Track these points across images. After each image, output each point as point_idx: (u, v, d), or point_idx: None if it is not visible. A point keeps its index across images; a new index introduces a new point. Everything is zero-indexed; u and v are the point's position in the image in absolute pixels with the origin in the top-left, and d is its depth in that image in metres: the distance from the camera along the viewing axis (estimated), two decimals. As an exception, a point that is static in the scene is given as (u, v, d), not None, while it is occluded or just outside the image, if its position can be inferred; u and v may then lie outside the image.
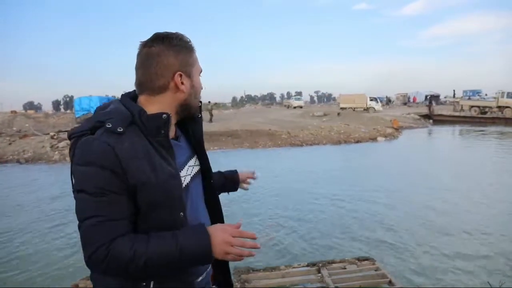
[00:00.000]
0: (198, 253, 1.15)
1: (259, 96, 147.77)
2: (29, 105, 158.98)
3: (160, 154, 1.20)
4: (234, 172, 1.81)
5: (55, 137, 21.48)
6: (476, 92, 64.08)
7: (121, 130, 1.14)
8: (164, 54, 1.23)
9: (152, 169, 1.16)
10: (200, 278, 1.33)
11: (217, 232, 1.18)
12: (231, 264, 1.79)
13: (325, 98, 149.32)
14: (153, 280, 1.18)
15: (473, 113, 35.51)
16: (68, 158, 4.05)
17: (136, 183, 1.13)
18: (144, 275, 1.15)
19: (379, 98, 66.57)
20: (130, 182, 1.13)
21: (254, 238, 1.23)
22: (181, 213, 1.22)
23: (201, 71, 1.36)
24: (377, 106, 40.91)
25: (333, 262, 4.42)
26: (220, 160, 15.39)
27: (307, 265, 4.37)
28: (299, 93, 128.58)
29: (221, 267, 1.48)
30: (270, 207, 8.58)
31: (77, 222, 1.15)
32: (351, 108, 40.46)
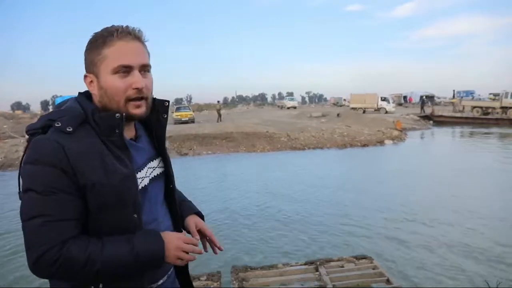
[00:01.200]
0: (151, 258, 1.12)
1: (250, 96, 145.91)
2: (17, 106, 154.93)
3: (114, 154, 1.14)
4: (191, 212, 1.50)
5: (31, 140, 19.22)
6: (470, 93, 63.05)
7: (71, 129, 1.09)
8: (85, 51, 1.19)
9: (104, 170, 1.10)
10: (161, 282, 1.29)
11: (171, 239, 1.17)
12: (230, 264, 3.89)
13: (317, 99, 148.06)
14: (102, 283, 1.12)
15: (476, 114, 33.98)
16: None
17: (86, 184, 1.08)
18: (95, 279, 1.10)
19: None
20: (80, 182, 1.07)
21: (197, 243, 1.27)
22: (135, 215, 1.16)
23: (117, 68, 1.13)
24: (389, 106, 37.88)
25: (331, 260, 4.33)
26: (213, 166, 13.88)
27: (305, 264, 4.29)
28: (290, 94, 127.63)
29: (181, 269, 1.41)
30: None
31: (22, 223, 1.06)
32: (362, 108, 38.35)
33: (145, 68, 1.19)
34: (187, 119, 29.31)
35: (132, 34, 1.17)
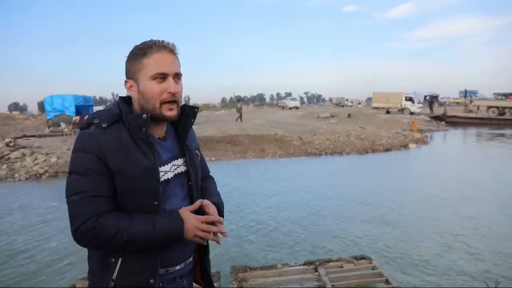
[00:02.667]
0: (171, 234, 1.29)
1: (248, 97, 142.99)
2: (14, 106, 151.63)
3: (140, 149, 1.32)
4: (209, 197, 1.55)
5: (11, 144, 16.71)
6: (473, 93, 60.93)
7: (105, 125, 1.30)
8: (126, 63, 1.38)
9: (127, 160, 1.28)
10: (178, 267, 1.43)
11: (189, 219, 1.32)
12: (229, 263, 4.19)
13: (315, 99, 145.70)
14: (121, 257, 1.30)
15: (491, 114, 31.75)
16: (17, 174, 10.68)
17: (114, 169, 1.27)
18: (121, 250, 1.28)
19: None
20: (109, 167, 1.27)
21: (221, 223, 1.40)
22: (155, 202, 1.32)
23: (153, 75, 1.33)
24: (413, 107, 34.21)
25: (330, 260, 4.28)
26: (219, 176, 10.68)
27: (304, 264, 4.24)
28: (289, 94, 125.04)
29: (204, 269, 1.56)
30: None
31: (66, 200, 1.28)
32: (385, 108, 35.40)
33: (177, 76, 1.38)
34: (186, 120, 26.82)
35: (167, 48, 1.36)
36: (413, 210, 7.78)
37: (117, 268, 1.30)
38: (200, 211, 1.42)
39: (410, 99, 34.54)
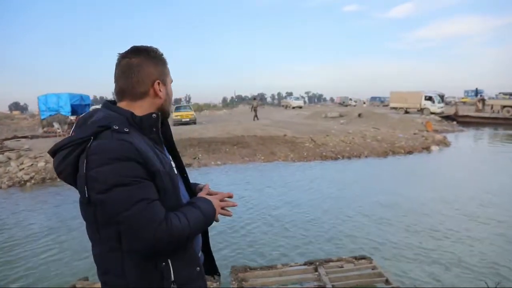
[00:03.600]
0: (211, 215, 1.38)
1: (249, 96, 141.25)
2: (15, 106, 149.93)
3: (157, 148, 1.33)
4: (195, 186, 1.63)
5: (-5, 146, 15.19)
6: (479, 93, 59.42)
7: (127, 130, 1.23)
8: (145, 64, 1.34)
9: (159, 160, 1.28)
10: (200, 253, 1.51)
11: (213, 199, 1.42)
12: (229, 262, 4.47)
13: (316, 99, 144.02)
14: (170, 258, 1.29)
15: (506, 114, 30.24)
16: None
17: (154, 171, 1.23)
18: (184, 245, 1.31)
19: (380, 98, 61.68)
20: (150, 170, 1.22)
21: (231, 196, 1.52)
22: (180, 195, 1.36)
23: (171, 81, 1.47)
24: (434, 107, 31.90)
25: (330, 260, 4.23)
26: (228, 183, 9.49)
27: (304, 264, 4.20)
28: (290, 94, 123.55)
29: (209, 257, 1.62)
30: None
31: (118, 217, 1.16)
32: (403, 108, 33.42)
33: None
34: (188, 119, 25.27)
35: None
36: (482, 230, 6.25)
37: (171, 269, 1.28)
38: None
39: (429, 99, 32.45)
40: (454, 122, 29.30)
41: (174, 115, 25.77)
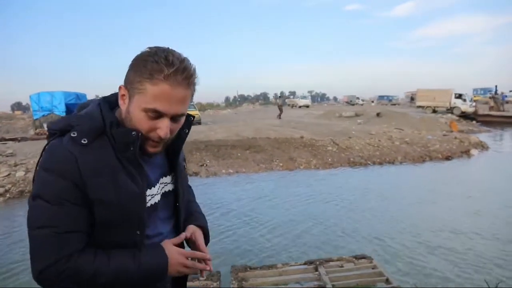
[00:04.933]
0: (155, 272, 1.07)
1: (252, 96, 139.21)
2: (17, 106, 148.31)
3: (127, 170, 1.04)
4: (195, 223, 1.31)
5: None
6: (488, 90, 57.21)
7: (85, 142, 1.00)
8: (132, 64, 1.03)
9: (114, 188, 1.01)
10: None
11: (174, 254, 1.10)
12: (229, 263, 4.13)
13: (319, 98, 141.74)
14: None
15: (530, 112, 28.15)
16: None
17: (94, 198, 0.99)
18: None
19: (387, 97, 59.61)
20: (89, 196, 0.99)
21: (208, 259, 1.18)
22: (138, 232, 1.07)
23: (148, 110, 1.00)
24: (464, 106, 29.41)
25: (330, 260, 4.18)
26: (243, 201, 6.95)
27: (305, 263, 4.15)
28: (293, 93, 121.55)
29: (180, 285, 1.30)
30: None
31: (28, 229, 1.00)
32: (431, 107, 31.11)
33: (180, 116, 1.06)
34: (192, 120, 23.22)
35: (183, 78, 0.99)
36: None
37: None
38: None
39: (460, 96, 29.97)
40: (474, 122, 27.26)
41: (177, 115, 23.82)
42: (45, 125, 17.22)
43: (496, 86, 36.19)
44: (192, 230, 1.25)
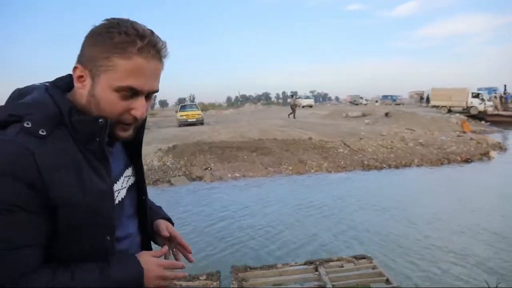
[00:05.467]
0: (129, 286, 0.89)
1: (254, 96, 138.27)
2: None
3: (92, 165, 0.87)
4: (160, 217, 1.20)
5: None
6: (492, 90, 56.35)
7: (44, 133, 0.81)
8: (88, 37, 0.86)
9: (81, 186, 0.83)
10: None
11: (151, 266, 0.93)
12: (229, 262, 4.04)
13: (321, 98, 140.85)
14: None
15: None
16: None
17: (58, 201, 0.80)
18: None
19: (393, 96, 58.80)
20: (51, 199, 0.80)
21: (184, 267, 1.03)
22: (108, 237, 0.89)
23: (119, 86, 0.84)
24: (482, 105, 28.20)
25: (330, 260, 4.16)
26: (254, 207, 6.39)
27: (305, 264, 4.12)
28: (294, 93, 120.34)
29: None
30: None
31: None
32: (446, 107, 29.81)
33: (152, 94, 0.91)
34: (194, 120, 22.50)
35: (156, 51, 0.86)
36: None
37: None
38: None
39: (477, 96, 28.89)
40: (483, 122, 26.47)
41: (179, 115, 23.06)
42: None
43: (505, 86, 35.41)
44: (165, 226, 1.15)
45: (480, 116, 27.84)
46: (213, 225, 6.58)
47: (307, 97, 51.50)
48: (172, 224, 1.22)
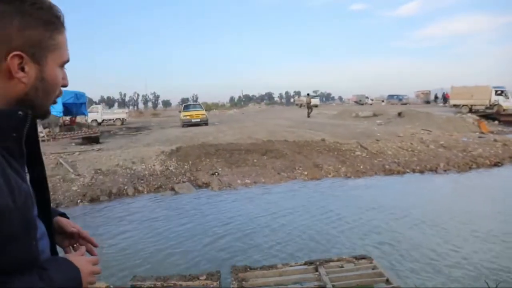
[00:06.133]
0: None
1: (257, 95, 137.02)
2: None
3: (11, 165, 0.77)
4: (56, 214, 1.08)
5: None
6: (500, 89, 55.15)
7: None
8: (7, 19, 0.76)
9: (10, 189, 0.74)
10: None
11: (84, 264, 0.91)
12: (229, 263, 4.35)
13: (324, 98, 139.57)
14: None
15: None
16: None
17: None
18: None
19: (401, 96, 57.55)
20: None
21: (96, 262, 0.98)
22: (34, 241, 0.82)
23: (64, 61, 0.87)
24: (507, 103, 26.69)
25: (330, 260, 4.05)
26: (277, 221, 5.28)
27: (305, 264, 4.04)
28: (298, 93, 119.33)
29: None
30: None
31: None
32: (467, 106, 28.53)
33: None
34: (198, 120, 21.51)
35: (63, 21, 0.87)
36: None
37: None
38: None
39: (501, 93, 27.57)
40: (496, 122, 25.40)
41: (182, 115, 22.09)
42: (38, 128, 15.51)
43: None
44: (66, 222, 1.07)
45: (493, 116, 26.78)
46: (224, 247, 5.62)
47: (313, 97, 50.46)
48: (68, 218, 1.11)
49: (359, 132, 15.88)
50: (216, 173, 9.74)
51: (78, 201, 8.02)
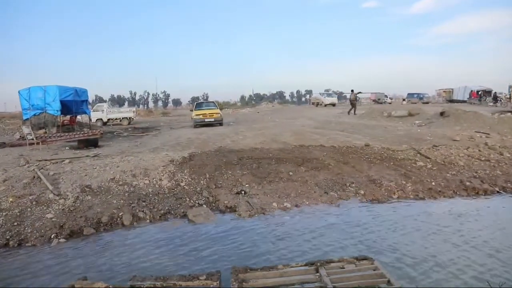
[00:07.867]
0: None
1: (268, 94, 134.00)
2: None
3: None
4: None
5: None
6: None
7: None
8: None
9: None
10: None
11: None
12: (229, 263, 4.05)
13: (337, 97, 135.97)
14: None
15: None
16: None
17: None
18: None
19: (418, 94, 54.47)
20: None
21: None
22: None
23: None
24: None
25: (331, 261, 4.04)
26: None
27: (305, 265, 4.01)
28: (309, 92, 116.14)
29: None
30: None
31: None
32: None
33: None
34: (212, 120, 19.04)
35: None
36: None
37: None
38: None
39: None
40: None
41: (194, 114, 19.62)
42: (25, 128, 13.16)
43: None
44: None
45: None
46: None
47: (330, 95, 47.74)
48: None
49: (403, 135, 13.29)
50: (243, 192, 7.26)
51: (52, 235, 5.61)
